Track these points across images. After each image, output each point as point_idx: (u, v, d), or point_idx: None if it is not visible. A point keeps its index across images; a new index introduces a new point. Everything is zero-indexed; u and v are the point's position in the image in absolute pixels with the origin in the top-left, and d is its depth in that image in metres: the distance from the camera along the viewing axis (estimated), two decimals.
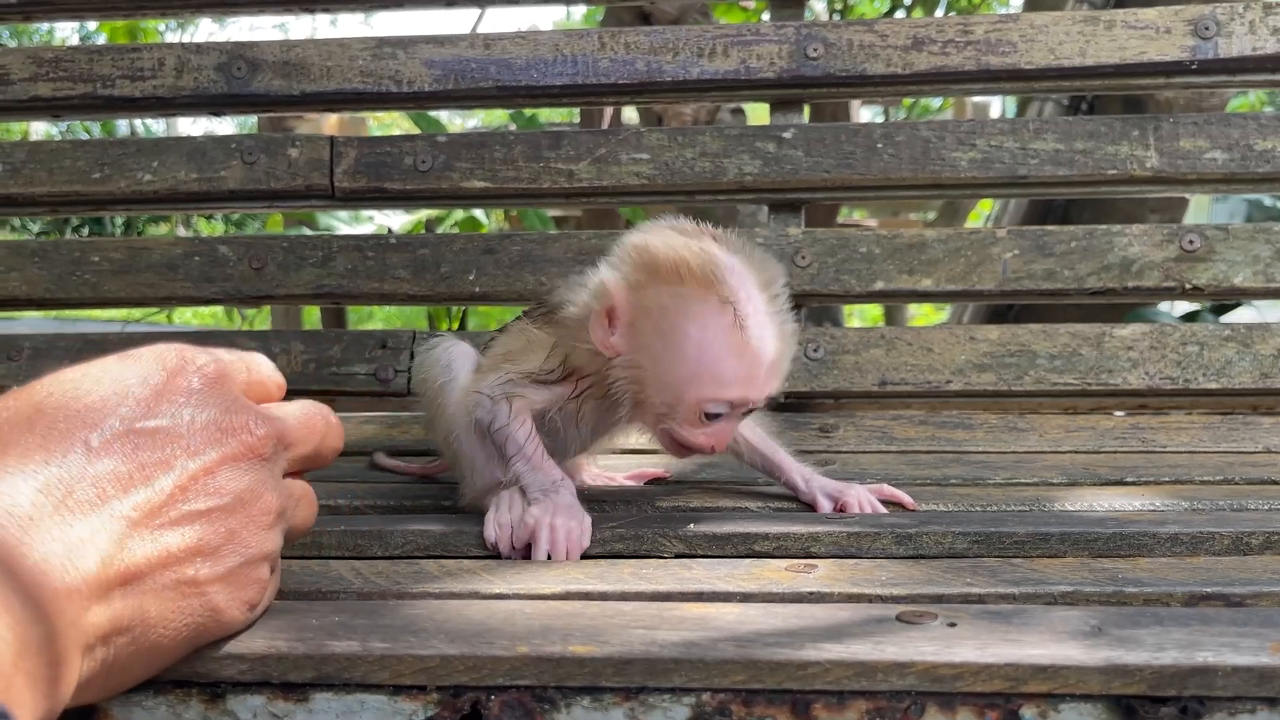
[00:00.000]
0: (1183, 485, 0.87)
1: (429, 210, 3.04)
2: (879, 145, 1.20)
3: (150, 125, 7.34)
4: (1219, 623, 0.52)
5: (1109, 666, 0.48)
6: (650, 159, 1.22)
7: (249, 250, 1.26)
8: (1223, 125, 1.16)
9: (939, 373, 1.16)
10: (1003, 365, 1.16)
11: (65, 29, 9.09)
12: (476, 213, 3.16)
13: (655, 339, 0.70)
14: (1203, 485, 0.87)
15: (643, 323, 0.70)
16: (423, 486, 0.92)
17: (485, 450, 0.77)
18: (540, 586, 0.61)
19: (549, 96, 1.26)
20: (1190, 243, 1.16)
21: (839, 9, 4.16)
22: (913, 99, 4.44)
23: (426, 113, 2.70)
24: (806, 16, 1.32)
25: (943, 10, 3.88)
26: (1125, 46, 1.18)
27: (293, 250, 1.26)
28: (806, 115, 1.28)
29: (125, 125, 7.61)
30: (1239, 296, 1.23)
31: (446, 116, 6.95)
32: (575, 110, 3.41)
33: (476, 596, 0.60)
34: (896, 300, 1.74)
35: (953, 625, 0.52)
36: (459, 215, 3.12)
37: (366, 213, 2.91)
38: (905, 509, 0.80)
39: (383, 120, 6.29)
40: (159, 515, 0.46)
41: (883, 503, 0.80)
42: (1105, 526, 0.70)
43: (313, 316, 3.94)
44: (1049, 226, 1.21)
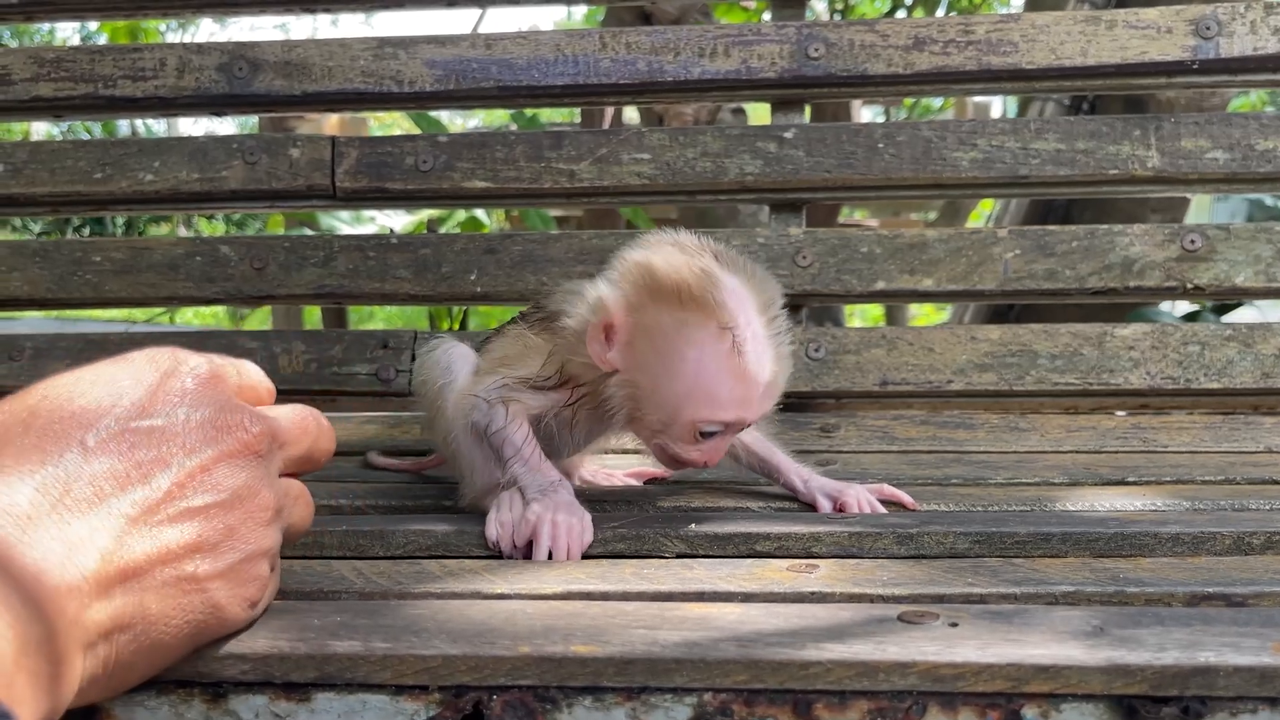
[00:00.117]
0: (1184, 485, 0.87)
1: (431, 210, 3.04)
2: (880, 145, 1.20)
3: (151, 125, 7.35)
4: (1220, 623, 0.52)
5: (1110, 666, 0.48)
6: (651, 159, 1.22)
7: (250, 250, 1.26)
8: (1224, 125, 1.16)
9: (940, 373, 1.16)
10: (1004, 365, 1.16)
11: (66, 29, 9.09)
12: (478, 213, 3.16)
13: (653, 359, 0.70)
14: (1204, 485, 0.87)
15: (641, 342, 0.70)
16: (423, 486, 0.92)
17: (483, 452, 0.78)
18: (542, 586, 0.61)
19: (550, 96, 1.27)
20: (1191, 242, 1.16)
21: (840, 9, 4.16)
22: (914, 99, 4.44)
23: (427, 113, 2.70)
24: (807, 16, 1.32)
25: (944, 10, 3.88)
26: (1126, 46, 1.18)
27: (294, 250, 1.26)
28: (807, 115, 1.28)
29: (126, 125, 7.62)
30: (1240, 296, 1.23)
31: (447, 117, 6.95)
32: (576, 110, 3.42)
33: (478, 596, 0.60)
34: (898, 300, 1.74)
35: (954, 625, 0.52)
36: (461, 216, 3.11)
37: (368, 213, 2.91)
38: (906, 509, 0.80)
39: (383, 120, 6.28)
40: (157, 512, 0.47)
41: (883, 503, 0.80)
42: (1107, 526, 0.70)
43: (314, 316, 3.94)
44: (1050, 226, 1.21)
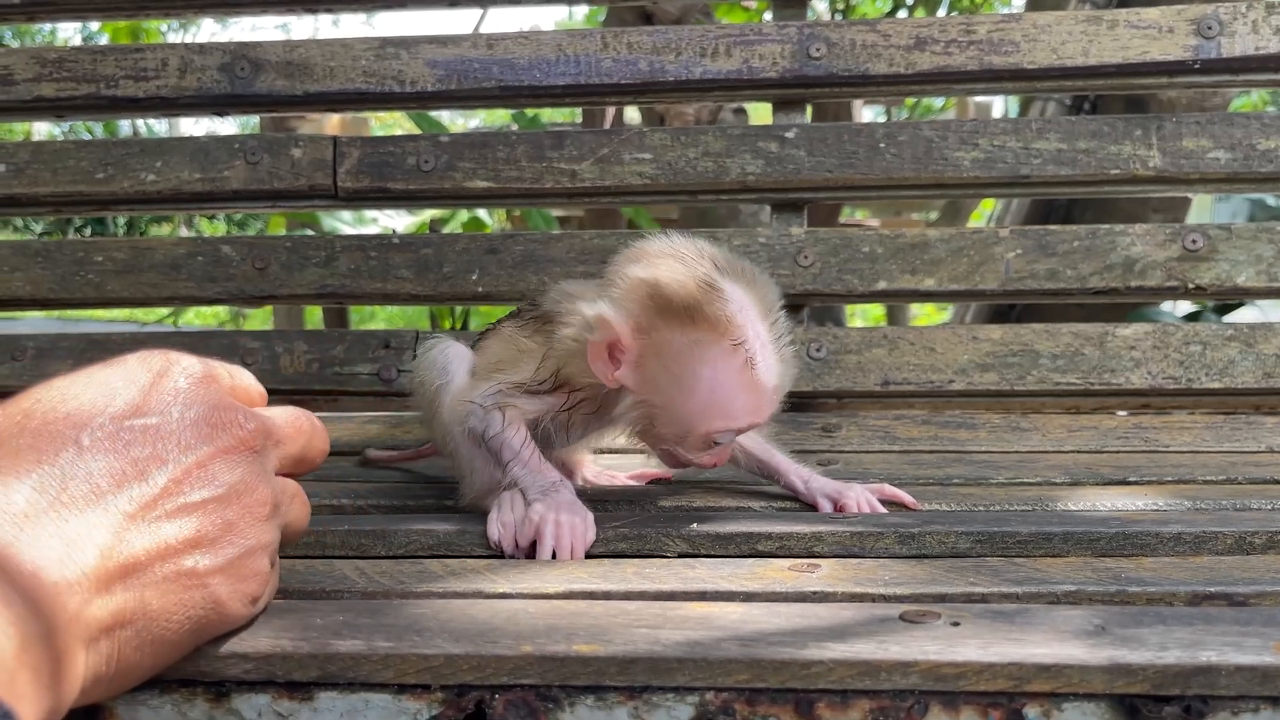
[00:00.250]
0: (1186, 485, 0.87)
1: (433, 211, 3.04)
2: (881, 145, 1.20)
3: (153, 125, 7.36)
4: (1222, 622, 0.52)
5: (1112, 666, 0.48)
6: (653, 159, 1.22)
7: (252, 250, 1.26)
8: (1225, 125, 1.16)
9: (941, 372, 1.16)
10: (1005, 365, 1.16)
11: (67, 29, 9.10)
12: (480, 213, 3.16)
13: (667, 379, 0.70)
14: (1206, 485, 0.87)
15: (652, 363, 0.70)
16: (425, 486, 0.92)
17: (482, 455, 0.78)
18: (544, 586, 0.61)
19: (552, 96, 1.27)
20: (1193, 242, 1.16)
21: (841, 9, 4.16)
22: (915, 99, 4.44)
23: (427, 113, 2.70)
24: (809, 16, 1.32)
25: (945, 10, 3.87)
26: (1128, 46, 1.18)
27: (296, 250, 1.26)
28: (809, 115, 1.28)
29: (127, 125, 7.62)
30: (1242, 296, 1.23)
31: (448, 117, 6.96)
32: (578, 110, 3.42)
33: (480, 596, 0.60)
34: (899, 300, 1.74)
35: (956, 625, 0.52)
36: (464, 217, 3.12)
37: (370, 214, 2.91)
38: (908, 509, 0.80)
39: (384, 120, 6.29)
40: (155, 508, 0.47)
41: (885, 503, 0.80)
42: (1108, 526, 0.70)
43: (315, 316, 3.94)
44: (1051, 226, 1.21)
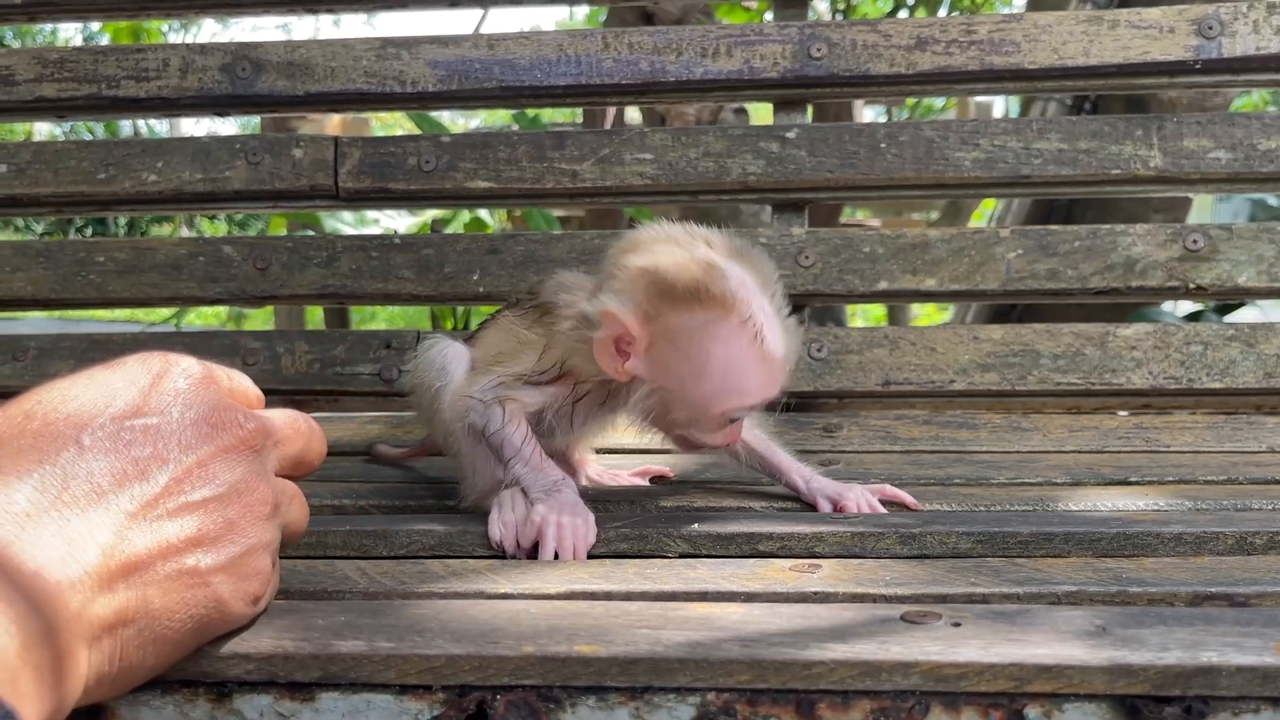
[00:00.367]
0: (1187, 485, 0.87)
1: (435, 211, 3.04)
2: (882, 145, 1.20)
3: (154, 126, 7.36)
4: (1223, 623, 0.52)
5: (1113, 666, 0.48)
6: (654, 159, 1.22)
7: (254, 250, 1.26)
8: (1226, 125, 1.16)
9: (942, 372, 1.16)
10: (1006, 365, 1.16)
11: (68, 29, 9.11)
12: (481, 213, 3.17)
13: (680, 363, 0.70)
14: (1207, 485, 0.87)
15: (663, 349, 0.70)
16: (426, 486, 0.92)
17: (483, 453, 0.78)
18: (545, 586, 0.61)
19: (553, 97, 1.27)
20: (1194, 242, 1.16)
21: (842, 9, 4.16)
22: (916, 99, 4.45)
23: (428, 114, 2.70)
24: (810, 16, 1.32)
25: (946, 10, 3.87)
26: (1129, 46, 1.18)
27: (297, 250, 1.26)
28: (810, 115, 1.28)
29: (128, 126, 7.62)
30: (1243, 296, 1.23)
31: (449, 117, 6.95)
32: (578, 110, 3.42)
33: (482, 596, 0.60)
34: (900, 300, 1.74)
35: (957, 625, 0.52)
36: (466, 218, 3.12)
37: (372, 215, 2.91)
38: (908, 509, 0.80)
39: (385, 121, 6.29)
40: (156, 507, 0.47)
41: (885, 503, 0.80)
42: (1109, 526, 0.70)
43: (315, 317, 3.95)
44: (1052, 226, 1.21)
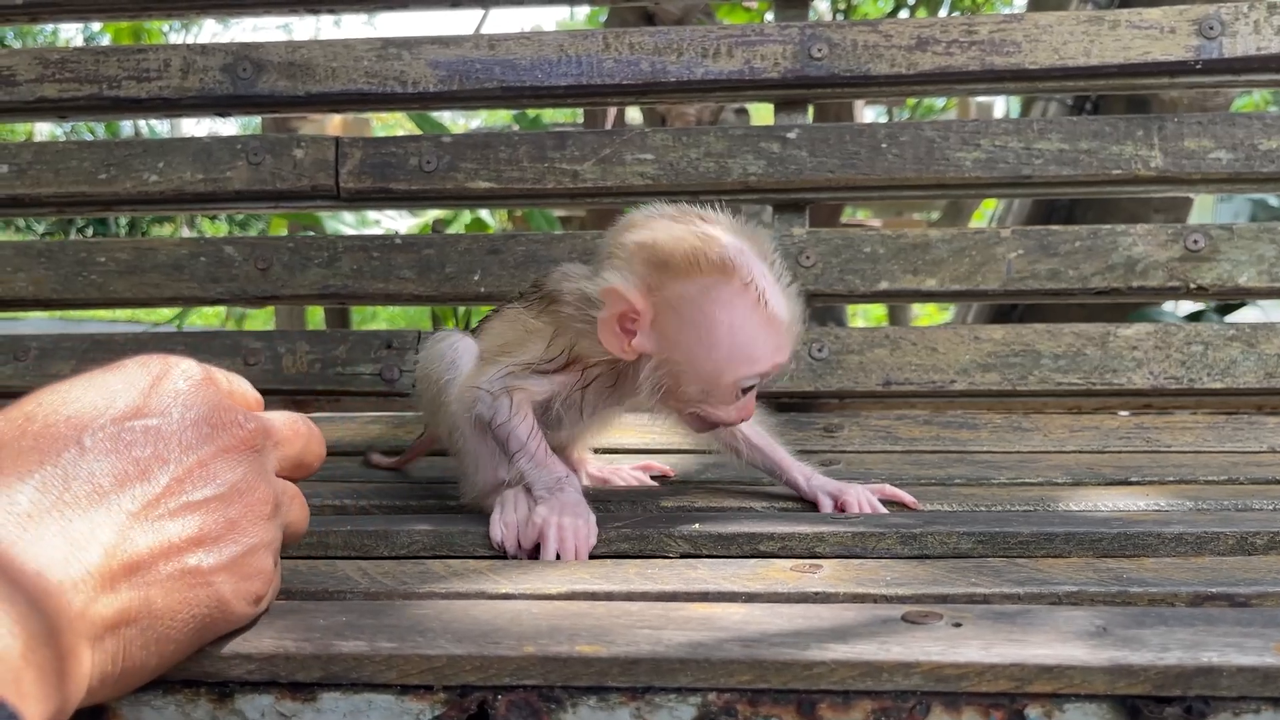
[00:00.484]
0: (1187, 485, 0.87)
1: (436, 212, 3.04)
2: (883, 145, 1.20)
3: (154, 126, 7.36)
4: (1224, 623, 0.52)
5: (1114, 667, 0.48)
6: (655, 159, 1.22)
7: (255, 250, 1.26)
8: (1227, 125, 1.16)
9: (943, 373, 1.16)
10: (1007, 365, 1.16)
11: (69, 30, 9.11)
12: (482, 213, 3.16)
13: (686, 332, 0.70)
14: (1207, 485, 0.87)
15: (669, 320, 0.70)
16: (427, 486, 0.92)
17: (488, 448, 0.77)
18: (546, 586, 0.61)
19: (554, 97, 1.27)
20: (1195, 242, 1.16)
21: (843, 9, 4.16)
22: (917, 99, 4.44)
23: (429, 114, 2.69)
24: (810, 17, 1.32)
25: (947, 10, 3.87)
26: (1130, 46, 1.18)
27: (298, 251, 1.26)
28: (810, 115, 1.28)
29: (129, 126, 7.63)
30: (1244, 296, 1.23)
31: (449, 118, 6.95)
32: (579, 111, 3.42)
33: (483, 596, 0.60)
34: (901, 300, 1.74)
35: (958, 625, 0.52)
36: (466, 218, 3.12)
37: (373, 216, 2.91)
38: (909, 509, 0.80)
39: (386, 121, 6.29)
40: (158, 506, 0.47)
41: (886, 503, 0.80)
42: (1110, 526, 0.70)
43: (316, 317, 3.95)
44: (1053, 226, 1.21)
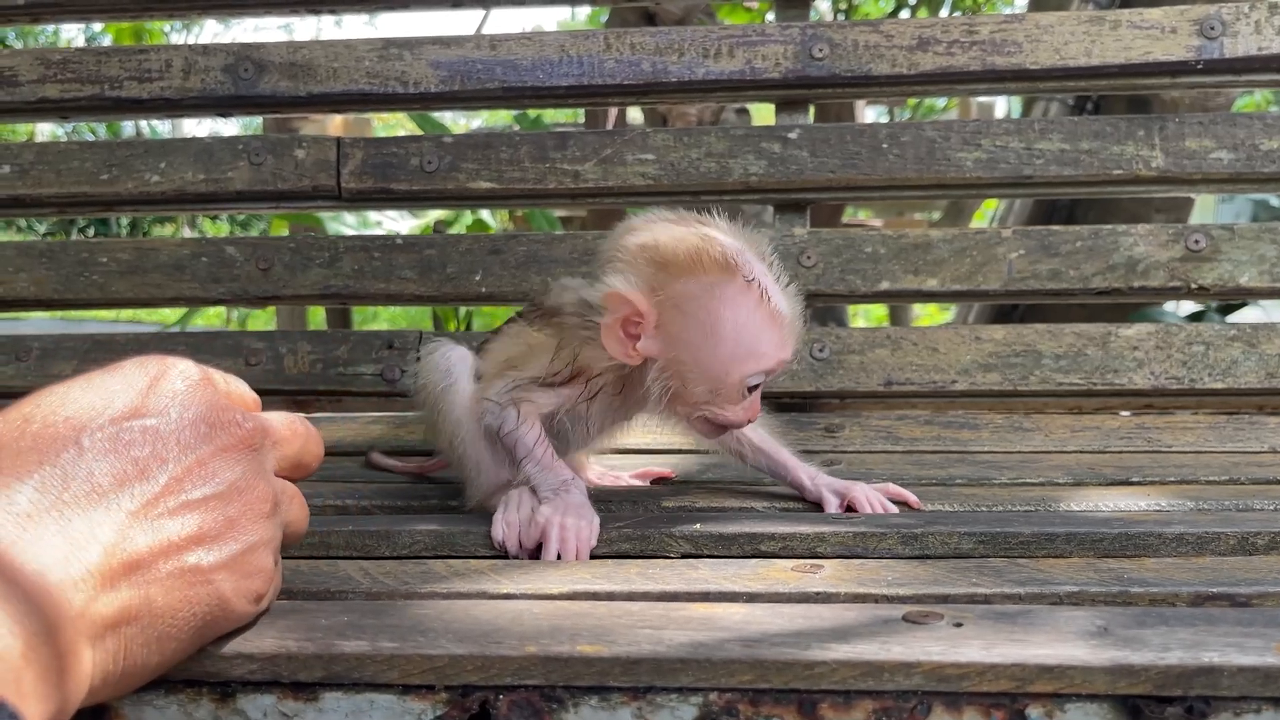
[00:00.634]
0: (1188, 485, 0.87)
1: (437, 213, 3.04)
2: (884, 145, 1.20)
3: (156, 127, 7.36)
4: (1224, 623, 0.52)
5: (1115, 666, 0.48)
6: (656, 159, 1.22)
7: (256, 251, 1.26)
8: (1228, 125, 1.16)
9: (944, 373, 1.16)
10: (1008, 365, 1.16)
11: (70, 30, 9.11)
12: (483, 214, 3.17)
13: (691, 331, 0.71)
14: (1208, 485, 0.87)
15: (673, 320, 0.71)
16: (428, 486, 0.92)
17: (494, 453, 0.78)
18: (547, 586, 0.61)
19: (555, 97, 1.27)
20: (1196, 243, 1.16)
21: (844, 9, 4.16)
22: (918, 99, 4.44)
23: (430, 114, 2.70)
24: (811, 17, 1.32)
25: (948, 10, 3.87)
26: (1131, 46, 1.18)
27: (299, 251, 1.26)
28: (811, 115, 1.28)
29: (130, 127, 7.63)
30: (1245, 296, 1.23)
31: (450, 118, 6.95)
32: (580, 111, 3.42)
33: (484, 596, 0.60)
34: (902, 300, 1.74)
35: (959, 625, 0.52)
36: (468, 219, 3.12)
37: (374, 217, 2.92)
38: (911, 508, 0.80)
39: (387, 121, 6.29)
40: (157, 505, 0.48)
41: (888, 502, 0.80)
42: (1111, 527, 0.70)
43: (317, 317, 3.95)
44: (1054, 226, 1.21)
